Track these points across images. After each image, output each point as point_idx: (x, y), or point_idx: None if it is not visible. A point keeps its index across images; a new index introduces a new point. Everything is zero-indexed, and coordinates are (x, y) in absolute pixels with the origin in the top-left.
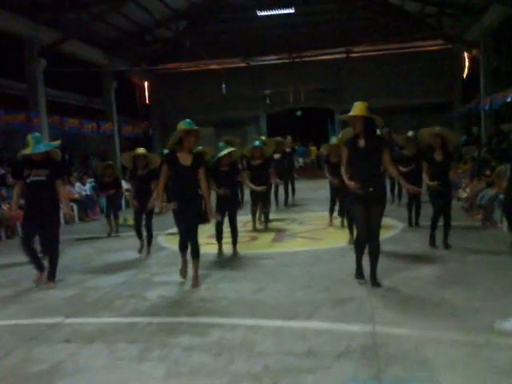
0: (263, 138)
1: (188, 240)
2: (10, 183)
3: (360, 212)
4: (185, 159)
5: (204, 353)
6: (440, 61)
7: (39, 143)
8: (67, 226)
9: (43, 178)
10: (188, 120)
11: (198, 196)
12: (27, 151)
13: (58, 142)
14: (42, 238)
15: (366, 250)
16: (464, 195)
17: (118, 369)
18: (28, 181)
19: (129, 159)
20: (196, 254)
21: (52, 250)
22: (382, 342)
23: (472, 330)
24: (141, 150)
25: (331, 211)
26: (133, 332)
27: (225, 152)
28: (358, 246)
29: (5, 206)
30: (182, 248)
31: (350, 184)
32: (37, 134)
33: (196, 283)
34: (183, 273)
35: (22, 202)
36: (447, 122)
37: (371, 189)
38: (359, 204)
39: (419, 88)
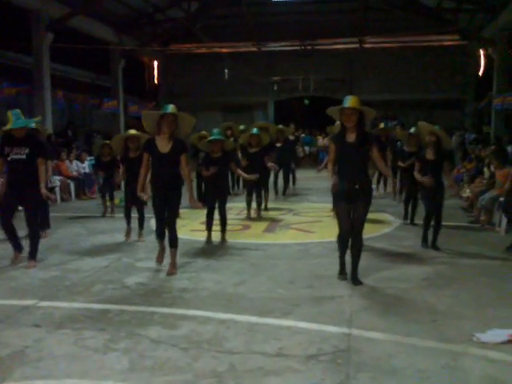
0: (263, 123)
1: (164, 227)
2: None
3: (344, 208)
4: (163, 146)
5: (171, 347)
6: (454, 57)
7: (19, 119)
8: (63, 203)
9: (24, 157)
10: (170, 105)
11: (177, 184)
12: (7, 127)
13: (38, 119)
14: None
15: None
16: (466, 194)
17: (80, 358)
18: (9, 159)
19: (119, 141)
20: (174, 243)
21: (31, 228)
22: (355, 347)
23: (450, 338)
24: (133, 131)
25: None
26: (103, 320)
27: (212, 138)
28: (341, 242)
29: None
30: (159, 235)
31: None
32: (16, 110)
33: (172, 270)
34: (159, 260)
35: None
36: (458, 119)
37: (357, 186)
38: (343, 200)
39: (432, 83)
